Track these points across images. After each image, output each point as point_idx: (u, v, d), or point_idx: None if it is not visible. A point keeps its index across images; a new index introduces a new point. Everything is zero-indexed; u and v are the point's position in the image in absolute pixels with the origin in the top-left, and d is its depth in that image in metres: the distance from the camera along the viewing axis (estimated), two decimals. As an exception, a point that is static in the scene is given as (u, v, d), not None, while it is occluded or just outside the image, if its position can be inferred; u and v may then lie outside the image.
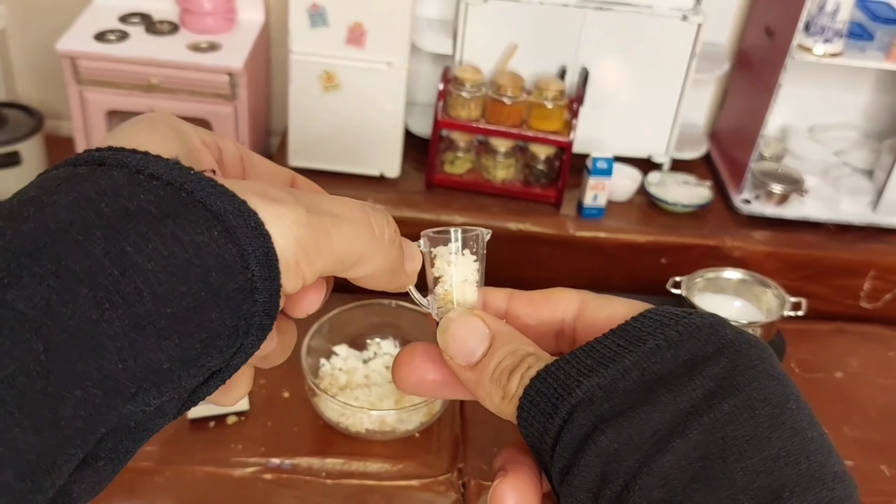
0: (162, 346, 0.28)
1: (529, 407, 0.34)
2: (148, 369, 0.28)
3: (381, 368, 1.36)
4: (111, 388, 0.27)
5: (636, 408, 0.31)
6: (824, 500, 0.29)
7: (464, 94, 1.63)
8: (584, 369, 0.33)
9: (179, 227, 0.29)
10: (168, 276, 0.28)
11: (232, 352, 0.31)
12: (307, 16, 1.57)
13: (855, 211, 1.75)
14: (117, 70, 1.61)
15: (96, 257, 0.27)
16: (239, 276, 0.29)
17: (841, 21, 1.58)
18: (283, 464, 1.25)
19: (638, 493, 0.30)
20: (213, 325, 0.29)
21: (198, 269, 0.29)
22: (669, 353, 0.33)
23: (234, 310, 0.30)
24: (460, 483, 1.27)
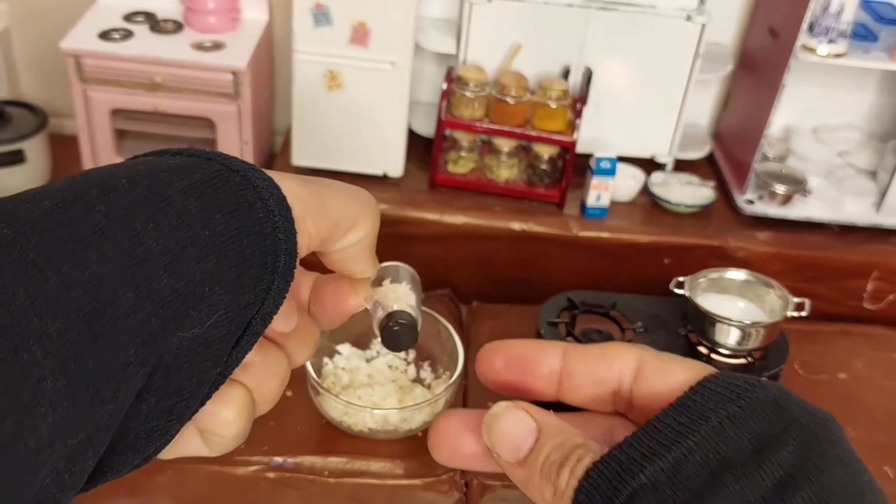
0: (201, 267, 0.31)
1: (588, 492, 0.32)
2: (188, 287, 0.31)
3: (383, 367, 1.36)
4: (157, 299, 0.30)
5: (703, 498, 0.30)
6: None
7: (467, 94, 1.63)
8: (647, 452, 0.31)
9: (206, 175, 0.33)
10: (203, 207, 0.32)
11: (263, 289, 0.34)
12: (311, 15, 1.57)
13: (858, 212, 1.75)
14: (121, 69, 1.61)
15: (138, 193, 0.31)
16: (261, 213, 0.34)
17: (845, 22, 1.58)
18: (286, 462, 1.25)
19: None
20: (245, 251, 0.33)
21: (227, 204, 0.33)
22: (733, 432, 0.31)
23: (262, 241, 0.34)
24: (463, 483, 1.27)
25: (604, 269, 1.68)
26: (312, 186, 0.37)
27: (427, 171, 1.72)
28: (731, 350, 1.31)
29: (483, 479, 1.26)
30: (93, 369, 0.28)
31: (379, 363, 1.37)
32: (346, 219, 0.39)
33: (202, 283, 0.31)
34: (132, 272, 0.29)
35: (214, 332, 0.33)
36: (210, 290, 0.32)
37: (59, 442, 0.27)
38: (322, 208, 0.37)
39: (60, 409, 0.27)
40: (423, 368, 1.39)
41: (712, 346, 1.32)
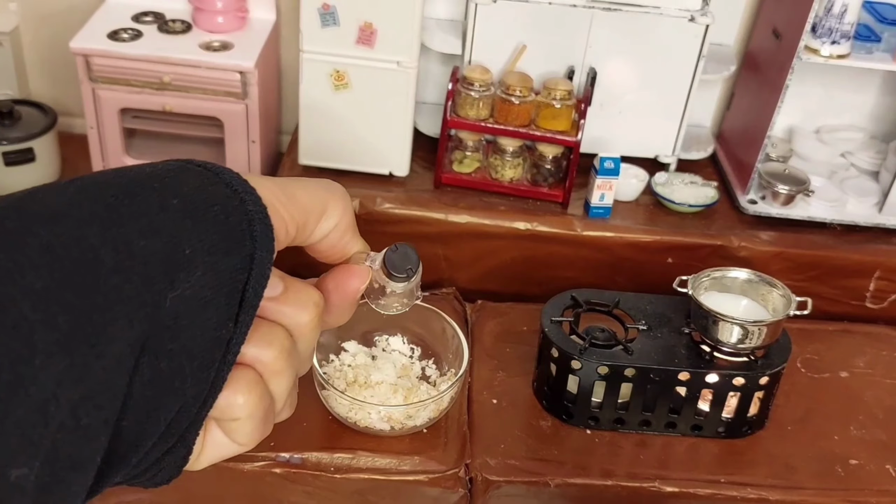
0: (178, 228, 0.33)
1: None
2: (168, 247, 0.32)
3: (389, 364, 1.37)
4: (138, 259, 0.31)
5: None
6: None
7: (472, 94, 1.64)
8: None
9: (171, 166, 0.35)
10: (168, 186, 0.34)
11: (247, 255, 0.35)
12: (318, 15, 1.58)
13: (861, 212, 1.76)
14: (130, 68, 1.63)
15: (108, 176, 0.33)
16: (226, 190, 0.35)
17: (848, 23, 1.59)
18: (292, 458, 1.26)
19: None
20: (218, 216, 0.34)
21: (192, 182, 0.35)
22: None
23: (230, 210, 0.35)
24: (467, 478, 1.28)
25: (607, 267, 1.69)
26: (277, 180, 0.39)
27: (432, 171, 1.73)
28: (734, 348, 1.32)
29: (487, 475, 1.27)
30: (83, 323, 0.29)
31: (385, 360, 1.38)
32: (316, 203, 0.40)
33: (181, 244, 0.32)
34: (111, 234, 0.30)
35: (207, 292, 0.33)
36: (192, 252, 0.33)
37: (62, 394, 0.28)
38: (289, 195, 0.39)
39: (57, 359, 0.28)
40: (428, 366, 1.40)
41: (715, 345, 1.33)
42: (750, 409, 1.35)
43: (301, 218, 0.39)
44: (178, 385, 0.33)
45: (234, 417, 0.36)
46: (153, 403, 0.32)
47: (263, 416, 0.37)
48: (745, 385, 1.33)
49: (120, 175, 0.34)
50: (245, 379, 0.36)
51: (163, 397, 0.33)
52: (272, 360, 0.37)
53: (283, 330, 0.38)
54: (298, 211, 0.39)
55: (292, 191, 0.39)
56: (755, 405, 1.36)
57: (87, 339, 0.29)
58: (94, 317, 0.29)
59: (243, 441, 0.38)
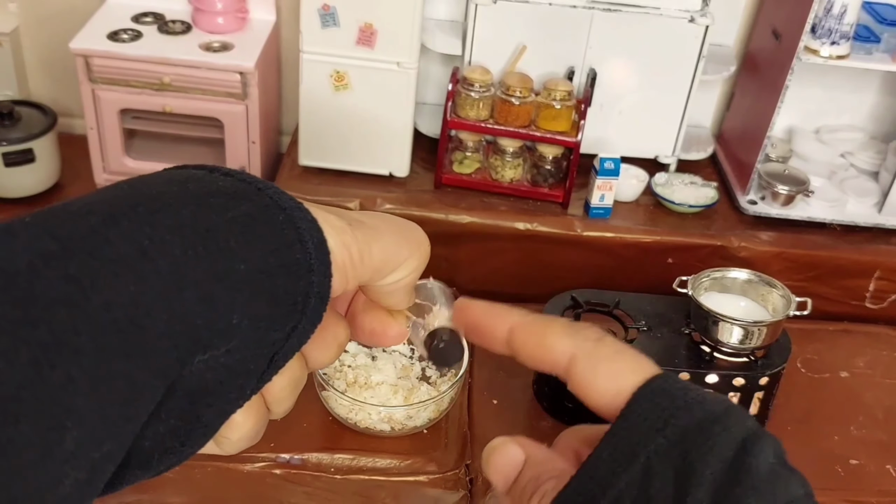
0: (234, 299, 0.32)
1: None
2: (219, 317, 0.31)
3: (389, 365, 1.37)
4: (188, 326, 0.30)
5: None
6: None
7: (473, 95, 1.64)
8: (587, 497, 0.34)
9: (253, 208, 0.34)
10: (244, 239, 0.32)
11: (290, 328, 0.34)
12: (318, 16, 1.58)
13: (861, 212, 1.76)
14: (130, 69, 1.63)
15: (185, 216, 0.31)
16: (299, 255, 0.34)
17: (847, 23, 1.59)
18: (293, 459, 1.26)
19: None
20: (278, 290, 0.33)
21: (268, 242, 0.33)
22: (660, 468, 0.33)
23: (296, 282, 0.34)
24: (468, 479, 1.28)
25: (607, 268, 1.69)
26: (360, 232, 0.37)
27: (432, 171, 1.73)
28: (734, 349, 1.32)
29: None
30: (121, 388, 0.29)
31: (385, 361, 1.38)
32: (390, 265, 0.39)
33: (231, 315, 0.32)
34: (169, 298, 0.30)
35: (238, 363, 0.33)
36: (238, 323, 0.32)
37: (83, 454, 0.28)
38: (366, 255, 0.37)
39: (88, 424, 0.28)
40: (429, 366, 1.40)
41: (715, 345, 1.33)
42: (750, 410, 1.35)
43: (366, 276, 0.38)
44: (179, 441, 0.33)
45: (228, 436, 0.36)
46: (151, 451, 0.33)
47: (255, 435, 0.38)
48: (745, 385, 1.33)
49: (199, 218, 0.32)
50: (250, 404, 0.36)
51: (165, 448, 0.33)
52: (280, 389, 0.37)
53: (298, 360, 0.37)
54: (369, 270, 0.38)
55: (372, 247, 0.37)
56: (755, 405, 1.36)
57: (124, 404, 0.29)
58: (134, 382, 0.29)
59: (228, 452, 0.38)
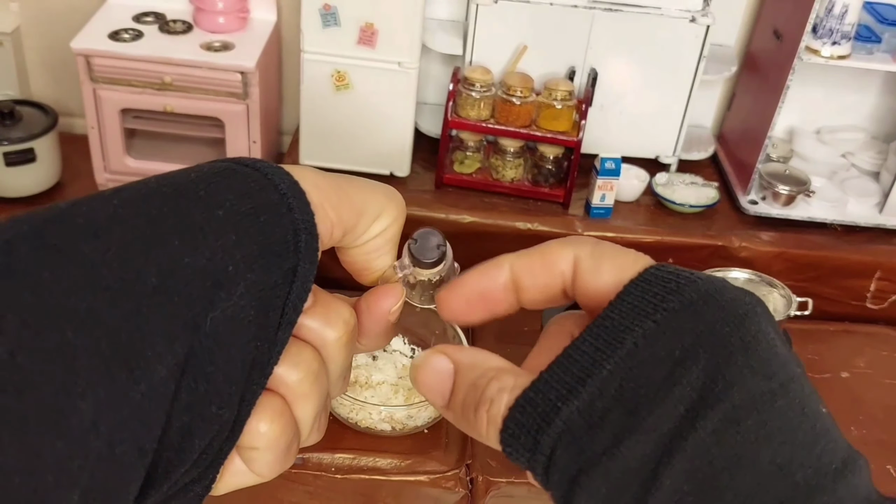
0: (220, 244, 0.31)
1: (510, 443, 0.33)
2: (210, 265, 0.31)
3: (390, 365, 1.37)
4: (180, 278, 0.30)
5: (620, 442, 0.30)
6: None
7: (473, 95, 1.64)
8: (563, 390, 0.32)
9: (214, 167, 0.34)
10: (213, 192, 0.32)
11: (289, 269, 0.33)
12: (319, 16, 1.58)
13: (861, 212, 1.76)
14: (131, 69, 1.63)
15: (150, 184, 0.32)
16: (273, 195, 0.33)
17: (849, 23, 1.59)
18: (294, 458, 1.26)
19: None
20: (263, 228, 0.32)
21: (238, 188, 0.33)
22: (647, 353, 0.31)
23: (278, 219, 0.33)
24: (468, 479, 1.28)
25: (608, 268, 1.69)
26: (331, 177, 0.37)
27: (433, 171, 1.73)
28: (734, 349, 1.32)
29: (488, 475, 1.27)
30: (124, 348, 0.28)
31: (386, 361, 1.39)
32: (371, 207, 0.38)
33: (224, 261, 0.31)
34: (154, 252, 0.29)
35: (245, 311, 0.32)
36: (234, 269, 0.31)
37: (101, 424, 0.27)
38: (342, 196, 0.37)
39: (98, 387, 0.27)
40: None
41: (715, 345, 1.33)
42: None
43: (351, 220, 0.38)
44: (214, 410, 0.31)
45: (254, 447, 0.35)
46: (189, 429, 0.31)
47: (286, 448, 0.36)
48: (746, 385, 1.32)
49: (164, 183, 0.32)
50: (270, 407, 0.34)
51: (200, 422, 0.31)
52: (297, 383, 0.35)
53: (311, 350, 0.36)
54: (349, 212, 0.37)
55: (346, 190, 0.37)
56: (756, 406, 1.36)
57: (129, 365, 0.28)
58: (136, 341, 0.28)
59: (262, 472, 0.36)
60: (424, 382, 0.37)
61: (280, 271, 0.33)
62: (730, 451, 0.29)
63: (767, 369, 0.31)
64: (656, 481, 0.29)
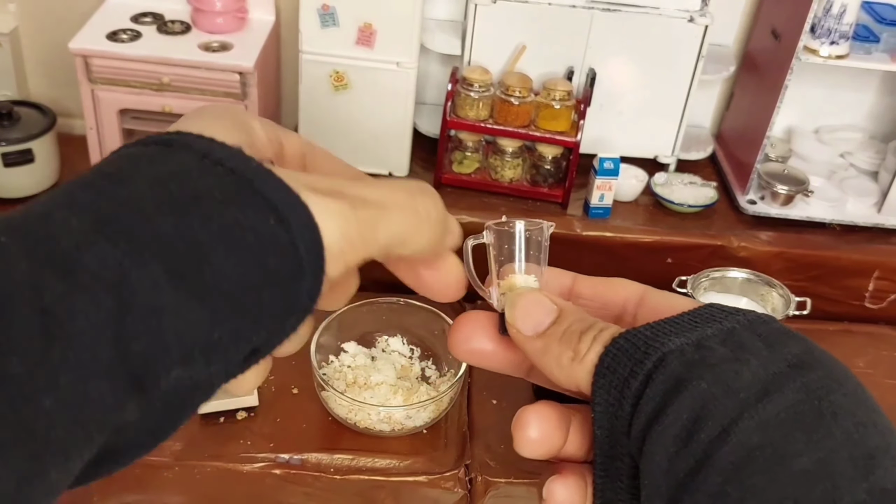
0: (217, 319, 0.29)
1: (615, 355, 0.34)
2: (200, 339, 0.29)
3: (388, 365, 1.37)
4: (167, 349, 0.28)
5: (730, 363, 0.32)
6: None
7: (472, 95, 1.64)
8: (671, 331, 0.34)
9: (240, 213, 0.30)
10: (228, 255, 0.30)
11: (275, 329, 0.32)
12: (317, 16, 1.58)
13: (860, 212, 1.76)
14: (129, 69, 1.63)
15: (165, 231, 0.29)
16: (290, 262, 0.31)
17: (847, 23, 1.59)
18: (292, 459, 1.26)
19: (737, 437, 0.31)
20: (265, 304, 0.31)
21: (255, 253, 0.30)
22: (745, 334, 0.34)
23: (285, 292, 0.31)
24: (467, 479, 1.28)
25: (607, 268, 1.69)
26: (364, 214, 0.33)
27: (432, 171, 1.73)
28: (733, 349, 1.32)
29: (487, 476, 1.27)
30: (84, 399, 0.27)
31: (384, 361, 1.38)
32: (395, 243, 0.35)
33: (211, 333, 0.29)
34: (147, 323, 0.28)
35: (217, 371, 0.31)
36: (219, 338, 0.30)
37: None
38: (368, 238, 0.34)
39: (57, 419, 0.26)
40: (428, 366, 1.40)
41: (714, 345, 1.33)
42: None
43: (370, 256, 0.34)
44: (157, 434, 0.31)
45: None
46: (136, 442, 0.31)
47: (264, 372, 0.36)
48: (745, 385, 1.32)
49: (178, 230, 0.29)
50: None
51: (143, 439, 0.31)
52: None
53: None
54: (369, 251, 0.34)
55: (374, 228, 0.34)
56: (755, 405, 1.36)
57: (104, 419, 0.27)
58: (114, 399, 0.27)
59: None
60: (527, 307, 0.37)
61: (265, 335, 0.32)
62: (834, 399, 0.32)
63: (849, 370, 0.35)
64: (767, 396, 0.31)
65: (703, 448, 0.31)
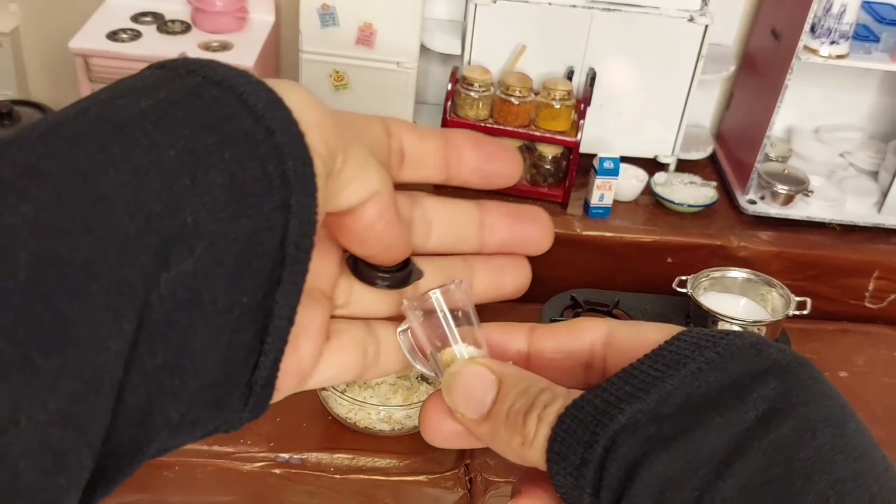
0: (173, 192, 0.25)
1: (563, 439, 0.30)
2: (161, 219, 0.25)
3: (389, 365, 1.37)
4: (120, 241, 0.24)
5: (688, 432, 0.29)
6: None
7: (472, 94, 1.64)
8: (624, 395, 0.30)
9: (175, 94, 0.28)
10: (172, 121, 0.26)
11: (276, 208, 0.28)
12: (317, 16, 1.58)
13: (860, 211, 1.76)
14: (129, 69, 1.61)
15: (87, 123, 0.26)
16: (247, 121, 0.27)
17: (847, 23, 1.59)
18: (292, 459, 1.26)
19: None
20: (229, 165, 0.27)
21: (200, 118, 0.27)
22: (713, 376, 0.30)
23: (251, 149, 0.27)
24: (467, 479, 1.28)
25: (607, 267, 1.69)
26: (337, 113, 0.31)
27: (432, 171, 1.73)
28: (733, 348, 1.32)
29: (487, 475, 1.27)
30: (50, 333, 0.23)
31: (384, 361, 1.38)
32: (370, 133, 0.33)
33: (179, 211, 0.25)
34: (84, 215, 0.24)
35: (215, 267, 0.27)
36: (193, 219, 0.26)
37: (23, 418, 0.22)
38: (337, 115, 0.31)
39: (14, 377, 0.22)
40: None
41: (714, 345, 1.33)
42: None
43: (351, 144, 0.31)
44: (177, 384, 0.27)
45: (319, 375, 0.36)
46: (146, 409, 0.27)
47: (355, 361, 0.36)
48: (745, 385, 1.33)
49: (105, 116, 0.26)
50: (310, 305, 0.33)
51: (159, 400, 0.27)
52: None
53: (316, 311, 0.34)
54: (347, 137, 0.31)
55: (346, 116, 0.32)
56: (755, 405, 1.36)
57: (59, 352, 0.23)
58: (68, 324, 0.23)
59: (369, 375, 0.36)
60: (465, 388, 0.34)
61: (260, 214, 0.27)
62: (806, 454, 0.28)
63: (840, 399, 0.30)
64: (728, 469, 0.28)
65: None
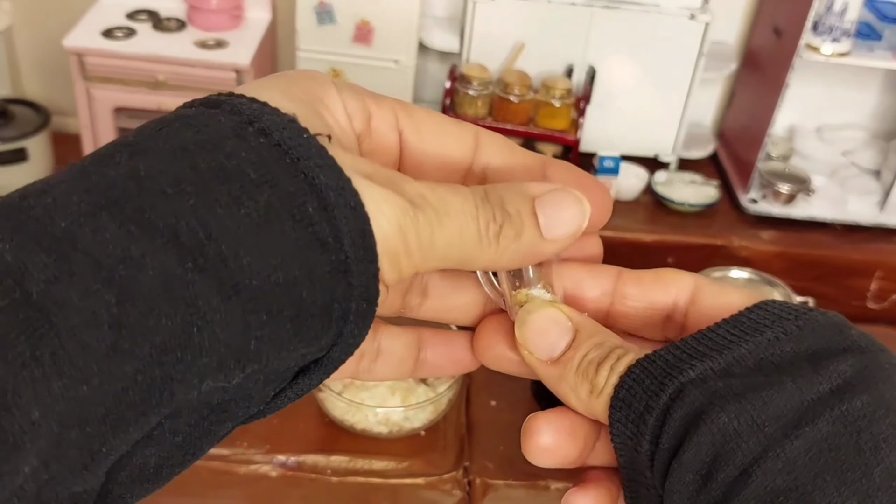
0: (247, 321, 0.25)
1: (630, 387, 0.30)
2: (230, 344, 0.25)
3: (386, 366, 1.36)
4: (185, 356, 0.24)
5: (758, 391, 0.28)
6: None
7: (471, 93, 1.63)
8: (696, 354, 0.30)
9: (275, 196, 0.26)
10: (258, 246, 0.26)
11: (329, 340, 0.28)
12: (314, 13, 1.57)
13: (862, 211, 1.75)
14: (124, 67, 1.61)
15: (183, 213, 0.25)
16: (332, 256, 0.27)
17: (849, 21, 1.58)
18: (289, 461, 1.25)
19: (759, 479, 0.27)
20: (303, 304, 0.27)
21: (289, 244, 0.26)
22: (789, 346, 0.30)
23: (327, 290, 0.27)
24: (465, 481, 1.27)
25: (607, 268, 1.68)
26: (423, 215, 0.29)
27: (430, 170, 1.72)
28: (735, 349, 1.31)
29: (486, 478, 1.26)
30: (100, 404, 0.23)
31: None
32: (451, 256, 0.31)
33: (246, 341, 0.26)
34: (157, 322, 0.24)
35: (261, 379, 0.28)
36: (256, 348, 0.26)
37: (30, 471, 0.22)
38: (425, 243, 0.30)
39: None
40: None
41: (716, 346, 1.32)
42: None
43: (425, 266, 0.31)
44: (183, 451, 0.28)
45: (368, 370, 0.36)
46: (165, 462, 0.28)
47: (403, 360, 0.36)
48: (747, 386, 1.32)
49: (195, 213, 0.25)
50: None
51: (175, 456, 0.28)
52: None
53: None
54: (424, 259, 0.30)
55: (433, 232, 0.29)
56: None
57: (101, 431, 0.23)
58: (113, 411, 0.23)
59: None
60: (540, 329, 0.33)
61: (315, 343, 0.28)
62: (878, 429, 0.27)
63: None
64: (797, 430, 0.27)
65: (723, 491, 0.28)
